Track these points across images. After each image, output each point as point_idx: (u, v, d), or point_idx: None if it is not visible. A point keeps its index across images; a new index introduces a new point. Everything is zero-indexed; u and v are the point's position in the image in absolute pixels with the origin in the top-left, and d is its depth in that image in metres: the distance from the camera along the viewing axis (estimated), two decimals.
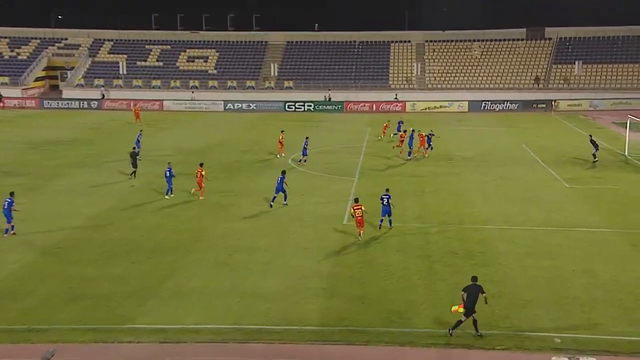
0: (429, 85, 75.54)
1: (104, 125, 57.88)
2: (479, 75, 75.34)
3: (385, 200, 26.28)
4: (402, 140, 42.77)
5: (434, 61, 78.31)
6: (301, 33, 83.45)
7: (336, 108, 69.13)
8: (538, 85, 72.89)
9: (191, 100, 72.20)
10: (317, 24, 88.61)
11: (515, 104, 67.63)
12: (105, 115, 65.08)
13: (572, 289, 20.14)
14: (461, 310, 17.34)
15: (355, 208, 25.25)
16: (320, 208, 29.80)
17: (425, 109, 68.16)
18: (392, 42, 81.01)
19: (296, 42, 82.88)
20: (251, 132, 54.94)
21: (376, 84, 75.47)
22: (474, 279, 17.85)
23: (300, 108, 69.62)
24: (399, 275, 21.56)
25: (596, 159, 38.82)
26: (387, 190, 27.13)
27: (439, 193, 32.51)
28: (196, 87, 75.89)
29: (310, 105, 69.83)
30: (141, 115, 59.85)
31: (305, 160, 39.15)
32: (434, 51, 79.60)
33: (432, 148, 42.18)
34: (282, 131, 45.65)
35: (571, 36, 77.35)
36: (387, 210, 26.25)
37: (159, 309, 19.16)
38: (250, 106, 70.51)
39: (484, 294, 17.46)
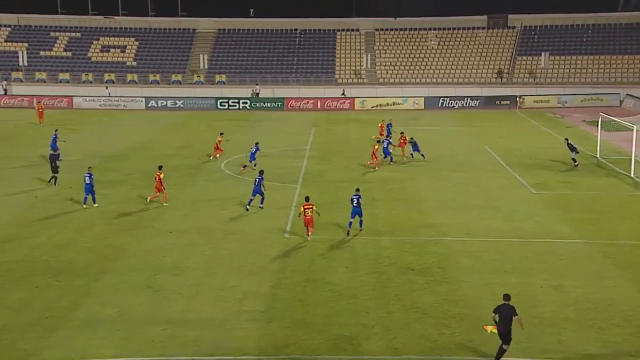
0: (381, 80, 76.46)
1: (0, 125, 56.18)
2: (435, 69, 76.74)
3: (356, 200, 27.39)
4: (404, 142, 42.97)
5: (386, 52, 79.36)
6: (234, 20, 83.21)
7: (276, 106, 69.16)
8: (501, 79, 74.75)
9: (106, 96, 70.88)
10: (252, 10, 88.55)
11: (477, 100, 69.15)
12: (2, 114, 63.14)
13: (541, 307, 20.64)
14: (495, 330, 17.05)
15: (305, 207, 26.57)
16: (258, 220, 29.69)
17: (377, 106, 68.94)
18: (339, 30, 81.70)
19: (229, 30, 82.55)
20: (178, 133, 54.33)
21: (321, 79, 75.87)
22: (506, 297, 17.38)
23: (235, 106, 69.35)
24: (347, 295, 21.63)
25: (577, 163, 39.84)
26: (358, 190, 28.22)
27: (391, 201, 32.85)
28: (112, 82, 74.59)
29: (246, 103, 69.65)
30: (45, 115, 58.24)
31: (254, 166, 39.26)
32: (385, 41, 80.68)
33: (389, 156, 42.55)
34: (222, 133, 45.62)
35: (536, 24, 79.72)
36: (357, 211, 27.40)
37: (67, 341, 18.65)
38: (176, 104, 69.77)
39: (516, 317, 17.03)
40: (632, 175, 37.14)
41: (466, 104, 69.10)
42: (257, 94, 71.83)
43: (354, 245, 26.36)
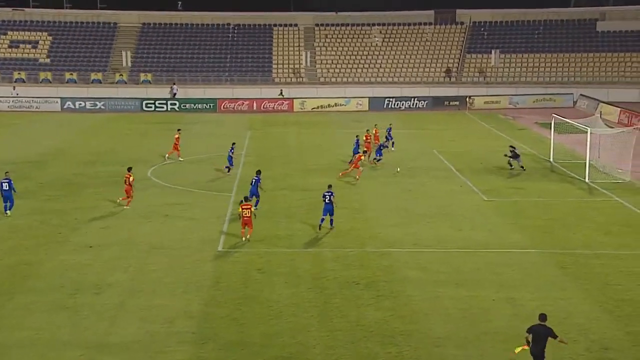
0: (321, 79, 76.85)
1: None
2: (380, 67, 77.59)
3: (328, 197, 29.06)
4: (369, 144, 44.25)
5: (327, 50, 79.85)
6: (161, 13, 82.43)
7: (207, 107, 68.77)
8: (450, 78, 76.11)
9: (15, 97, 69.17)
10: (180, 2, 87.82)
11: (424, 101, 70.19)
12: None
13: (494, 322, 21.03)
14: (527, 348, 16.98)
15: (243, 207, 27.72)
16: (188, 232, 29.45)
17: (317, 107, 69.26)
18: (275, 25, 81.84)
19: (154, 24, 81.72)
20: (99, 137, 53.50)
21: (256, 78, 75.82)
22: (543, 317, 17.31)
23: (162, 107, 68.67)
24: (287, 313, 21.62)
25: (523, 168, 40.71)
26: (330, 186, 29.95)
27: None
28: (22, 81, 72.87)
29: (175, 104, 69.05)
30: None
31: (228, 170, 40.03)
32: (326, 37, 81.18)
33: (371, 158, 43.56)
34: (179, 130, 45.61)
35: (486, 20, 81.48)
36: (328, 209, 29.09)
37: None
38: (96, 105, 68.65)
39: (556, 338, 16.98)
40: (586, 180, 38.26)
41: (413, 105, 70.06)
42: (175, 94, 71.20)
43: (294, 258, 26.38)
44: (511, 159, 40.98)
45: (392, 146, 46.91)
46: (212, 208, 33.23)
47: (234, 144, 41.63)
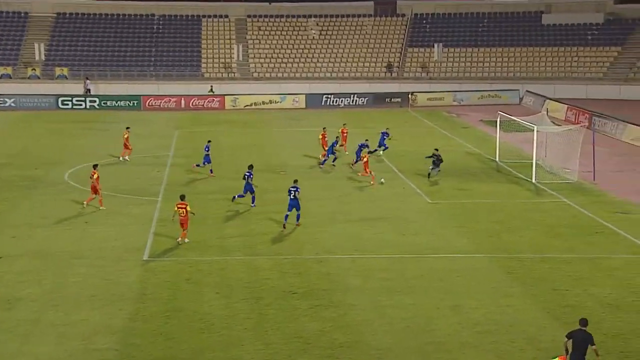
0: (255, 74, 76.72)
1: None
2: (318, 62, 77.88)
3: (293, 193, 30.31)
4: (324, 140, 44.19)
5: (260, 43, 79.76)
6: (77, 2, 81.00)
7: (131, 105, 67.86)
8: (391, 73, 76.86)
9: None
10: None
11: (364, 97, 70.70)
12: None
13: (438, 331, 21.32)
14: None
15: (179, 206, 28.13)
16: (111, 241, 29.09)
17: (251, 105, 69.06)
18: (204, 16, 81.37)
19: (70, 14, 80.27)
20: (10, 138, 52.34)
21: (184, 73, 75.27)
22: (583, 322, 17.33)
23: (80, 105, 67.50)
24: (219, 325, 21.52)
25: (438, 170, 40.18)
26: (295, 181, 31.01)
27: (269, 214, 32.98)
28: None
29: (94, 101, 67.95)
30: None
31: (208, 169, 40.03)
32: (259, 29, 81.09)
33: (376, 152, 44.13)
34: (128, 128, 45.29)
35: (428, 12, 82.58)
36: (294, 204, 30.30)
37: None
38: (6, 102, 67.01)
39: (593, 347, 17.00)
40: (533, 180, 39.11)
41: (353, 102, 70.46)
42: (89, 90, 70.13)
43: (226, 267, 26.26)
44: (432, 169, 39.27)
45: (383, 150, 45.42)
46: (137, 214, 32.84)
47: (209, 141, 41.32)
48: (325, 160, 42.99)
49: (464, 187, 38.43)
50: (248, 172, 33.89)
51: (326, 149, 43.86)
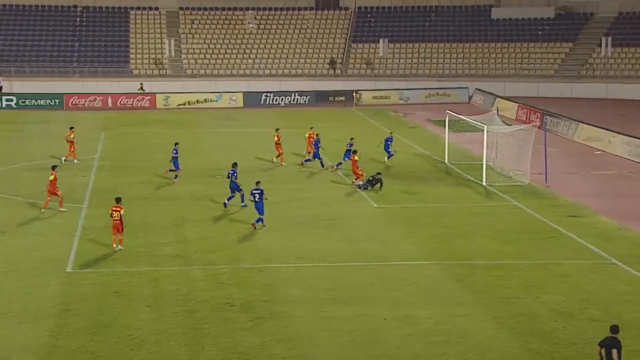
0: (188, 71, 76.27)
1: None
2: (256, 58, 77.75)
3: (258, 195, 31.07)
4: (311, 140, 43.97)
5: (193, 37, 79.31)
6: None
7: (52, 104, 66.83)
8: (334, 70, 77.12)
9: None
10: None
11: (306, 96, 70.83)
12: None
13: (385, 343, 21.42)
14: None
15: (114, 209, 28.26)
16: (30, 252, 28.67)
17: (184, 104, 68.63)
18: (132, 8, 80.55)
19: None
20: None
21: (111, 69, 74.44)
22: (614, 329, 17.73)
23: None
24: (150, 341, 21.30)
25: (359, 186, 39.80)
26: (258, 183, 31.86)
27: (204, 222, 32.83)
28: None
29: (11, 100, 66.73)
30: None
31: (176, 176, 39.88)
32: (193, 23, 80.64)
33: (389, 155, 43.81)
34: (72, 128, 44.97)
35: (373, 5, 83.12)
36: (258, 207, 31.09)
37: None
38: None
39: (614, 350, 17.30)
40: (484, 183, 39.64)
41: (294, 100, 70.51)
42: (0, 88, 68.90)
43: (157, 278, 26.02)
44: (370, 183, 38.52)
45: (387, 158, 44.17)
46: (60, 222, 32.39)
47: (177, 144, 40.82)
48: (322, 163, 42.73)
49: (412, 190, 38.74)
50: (232, 170, 34.72)
51: (312, 151, 43.64)
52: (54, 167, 34.56)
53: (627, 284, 25.88)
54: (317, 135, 43.65)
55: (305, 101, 70.60)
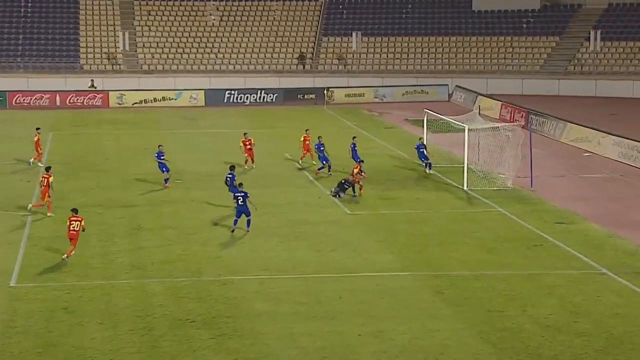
0: (144, 67, 75.97)
1: None
2: (219, 52, 77.65)
3: (241, 198, 31.71)
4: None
5: (150, 30, 79.05)
6: None
7: None
8: (304, 66, 77.18)
9: None
10: None
11: (274, 94, 70.85)
12: None
13: None
14: None
15: (72, 220, 28.45)
16: None
17: (140, 102, 68.39)
18: None
19: None
20: None
21: (59, 64, 73.93)
22: None
23: None
24: None
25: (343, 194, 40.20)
26: (241, 185, 32.76)
27: (163, 230, 32.75)
28: None
29: None
30: None
31: (166, 181, 40.12)
32: (149, 14, 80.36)
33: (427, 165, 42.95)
34: (38, 129, 45.03)
35: None
36: (242, 210, 31.85)
37: None
38: None
39: None
40: (465, 187, 39.87)
41: (260, 98, 70.51)
42: None
43: (111, 292, 25.89)
44: (341, 189, 38.23)
45: (428, 168, 42.91)
46: (2, 231, 32.20)
47: (160, 146, 40.77)
48: (322, 167, 42.63)
49: (388, 195, 38.87)
50: (230, 174, 35.71)
51: (308, 153, 43.80)
52: (48, 169, 35.92)
53: (619, 295, 26.12)
54: (319, 138, 43.26)
55: (272, 99, 70.61)
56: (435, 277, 27.68)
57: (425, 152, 43.50)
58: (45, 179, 34.89)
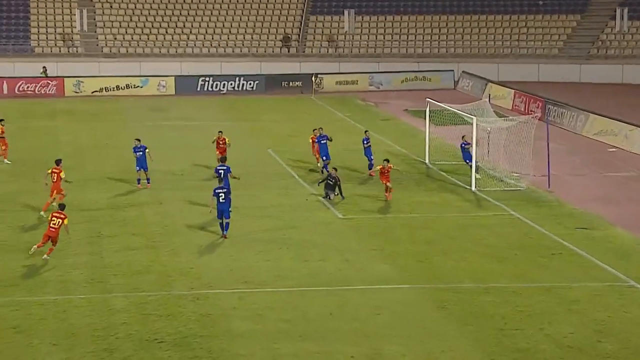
0: (105, 50, 75.81)
1: None
2: (191, 34, 77.50)
3: (223, 195, 32.28)
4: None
5: (112, 7, 78.88)
6: None
7: None
8: (288, 49, 77.08)
9: None
10: None
11: (254, 81, 70.77)
12: None
13: None
14: None
15: (54, 216, 29.71)
16: None
17: (100, 90, 68.20)
18: None
19: None
20: None
21: (7, 48, 73.76)
22: None
23: None
24: None
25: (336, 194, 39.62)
26: (221, 181, 33.80)
27: (126, 237, 32.71)
28: None
29: None
30: None
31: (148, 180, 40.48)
32: None
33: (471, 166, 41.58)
34: (1, 121, 45.60)
35: None
36: (224, 209, 32.28)
37: None
38: None
39: None
40: (473, 188, 39.89)
41: (239, 86, 70.43)
42: None
43: (67, 309, 25.79)
44: (329, 188, 38.09)
45: (475, 171, 40.63)
46: None
47: (138, 140, 40.51)
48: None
49: (384, 197, 38.81)
50: (222, 166, 36.22)
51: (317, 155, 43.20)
52: (58, 162, 36.51)
53: None
54: (320, 130, 43.13)
55: (252, 87, 70.55)
56: (439, 291, 27.67)
57: (466, 147, 41.94)
58: (56, 174, 35.43)
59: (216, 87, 70.17)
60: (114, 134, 53.09)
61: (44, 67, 69.89)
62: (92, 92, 68.04)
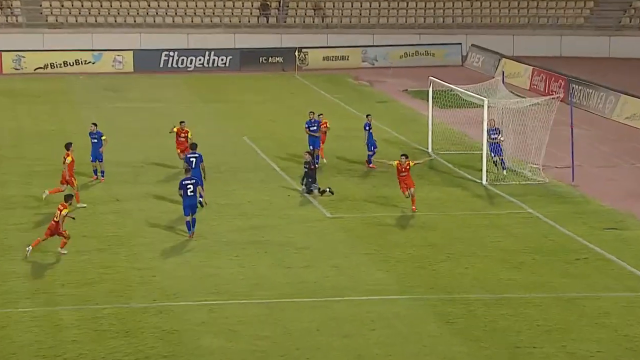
0: (50, 19, 75.46)
1: None
2: (152, 0, 77.11)
3: (191, 187, 32.46)
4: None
5: None
6: None
7: None
8: (267, 19, 76.96)
9: None
10: None
11: (227, 56, 70.73)
12: None
13: None
14: None
15: (59, 208, 30.49)
16: None
17: (44, 67, 68.12)
18: None
19: None
20: None
21: None
22: None
23: None
24: None
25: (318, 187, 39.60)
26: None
27: (77, 240, 32.60)
28: None
29: None
30: None
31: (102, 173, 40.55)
32: None
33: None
34: None
35: None
36: (190, 204, 32.60)
37: None
38: None
39: None
40: (484, 181, 39.99)
41: (209, 62, 70.42)
42: None
43: (7, 325, 25.78)
44: (308, 186, 38.47)
45: (502, 167, 41.35)
46: None
47: (93, 125, 40.67)
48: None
49: (380, 193, 38.92)
50: (193, 154, 36.45)
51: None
52: (68, 146, 37.23)
53: None
54: (316, 115, 43.40)
55: (225, 63, 70.53)
56: (444, 302, 27.74)
57: (497, 138, 41.07)
58: (64, 158, 36.47)
59: (182, 64, 70.17)
60: (61, 118, 52.98)
61: None
62: (35, 69, 68.01)
